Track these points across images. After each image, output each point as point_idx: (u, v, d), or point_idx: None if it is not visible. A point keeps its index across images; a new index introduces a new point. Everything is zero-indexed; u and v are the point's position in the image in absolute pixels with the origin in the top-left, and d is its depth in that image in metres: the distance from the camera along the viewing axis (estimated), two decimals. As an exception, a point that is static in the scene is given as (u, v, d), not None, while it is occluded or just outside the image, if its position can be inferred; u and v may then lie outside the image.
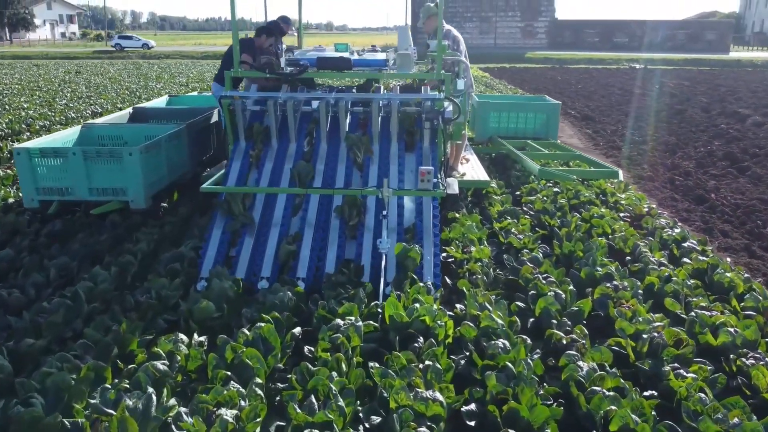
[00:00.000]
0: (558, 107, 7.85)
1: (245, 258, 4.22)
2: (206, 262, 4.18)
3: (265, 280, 4.06)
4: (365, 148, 4.83)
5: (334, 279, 4.01)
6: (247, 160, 4.88)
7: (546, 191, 6.35)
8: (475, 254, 4.48)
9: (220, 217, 4.50)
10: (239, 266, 4.19)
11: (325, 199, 4.60)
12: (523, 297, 3.94)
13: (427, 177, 4.21)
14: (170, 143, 5.34)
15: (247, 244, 4.33)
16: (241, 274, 4.13)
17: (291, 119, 4.89)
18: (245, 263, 4.20)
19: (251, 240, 4.35)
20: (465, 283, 4.07)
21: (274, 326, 3.38)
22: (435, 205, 4.50)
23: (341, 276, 4.06)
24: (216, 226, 4.44)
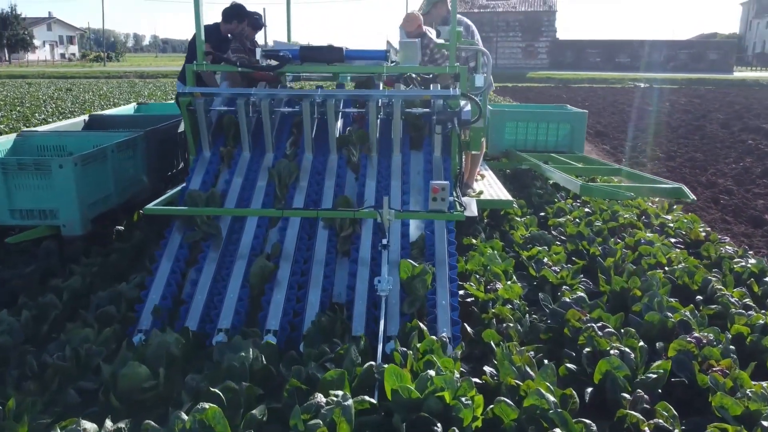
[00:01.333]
0: (584, 117, 6.87)
1: (200, 300, 3.20)
2: (147, 306, 3.16)
3: (222, 332, 3.03)
4: (363, 144, 3.85)
5: (317, 329, 2.99)
6: (211, 175, 3.90)
7: (577, 212, 5.36)
8: (503, 293, 3.47)
9: (172, 242, 3.50)
10: (192, 311, 3.16)
11: (307, 223, 3.60)
12: (574, 355, 2.92)
13: (441, 195, 3.22)
14: (121, 154, 4.35)
15: (204, 280, 3.31)
16: (194, 322, 3.11)
17: (267, 123, 3.92)
18: (199, 307, 3.18)
19: (209, 275, 3.33)
20: (492, 334, 3.04)
21: (229, 402, 2.37)
22: (450, 230, 3.50)
23: (326, 325, 3.03)
24: (165, 256, 3.43)
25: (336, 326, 3.03)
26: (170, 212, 3.58)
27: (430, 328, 3.01)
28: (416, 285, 3.14)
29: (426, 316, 3.11)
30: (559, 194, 6.18)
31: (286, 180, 3.77)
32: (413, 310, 3.13)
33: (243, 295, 3.23)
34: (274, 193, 3.80)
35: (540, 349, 3.03)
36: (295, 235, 3.50)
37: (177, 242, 3.52)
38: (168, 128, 5.10)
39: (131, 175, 4.57)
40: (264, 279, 3.32)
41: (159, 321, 3.11)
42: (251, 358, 2.72)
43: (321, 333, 2.98)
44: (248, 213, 3.58)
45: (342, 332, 3.02)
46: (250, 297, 3.27)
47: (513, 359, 2.74)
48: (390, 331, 2.97)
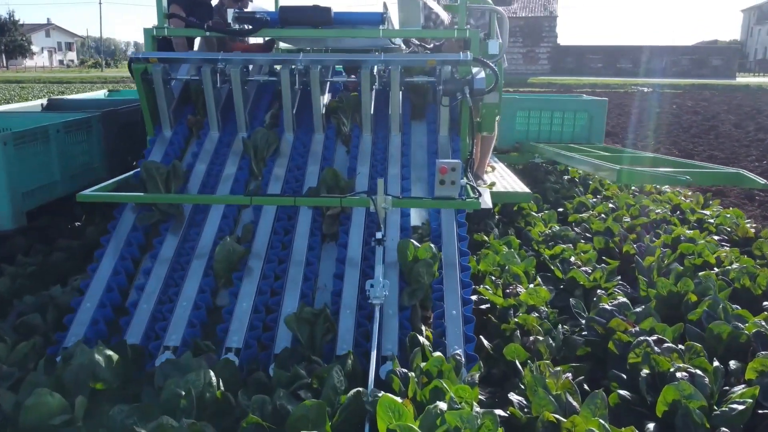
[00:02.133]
0: (604, 105, 6.21)
1: (145, 310, 2.54)
2: (79, 316, 2.49)
3: (170, 351, 2.37)
4: (355, 112, 3.22)
5: (291, 350, 2.32)
6: (172, 156, 3.24)
7: (600, 207, 4.71)
8: (527, 298, 2.81)
9: (119, 232, 2.86)
10: (134, 322, 2.50)
11: (284, 214, 2.94)
12: (624, 378, 2.26)
13: (450, 177, 2.57)
14: (70, 137, 3.71)
15: (153, 284, 2.65)
16: (136, 336, 2.44)
17: (238, 95, 3.27)
18: (144, 317, 2.51)
19: (160, 277, 2.67)
20: (518, 350, 2.39)
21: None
22: (462, 222, 2.85)
23: (306, 339, 2.37)
24: (109, 252, 2.78)
25: (317, 341, 2.37)
26: (111, 199, 2.93)
27: (438, 344, 2.35)
28: (419, 270, 2.51)
29: (431, 311, 2.47)
30: (577, 189, 5.53)
31: (264, 153, 3.13)
32: (414, 301, 2.50)
33: (201, 302, 2.57)
34: (249, 167, 3.17)
35: (579, 369, 2.37)
36: (269, 233, 2.84)
37: (125, 232, 2.87)
38: (132, 111, 4.46)
39: (84, 161, 3.92)
40: (231, 265, 2.69)
41: (93, 336, 2.45)
42: (202, 384, 2.06)
43: (297, 354, 2.32)
44: (210, 201, 2.93)
45: (323, 351, 2.36)
46: (210, 307, 2.61)
47: (548, 384, 2.08)
48: (386, 350, 2.31)
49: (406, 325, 2.43)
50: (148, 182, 2.99)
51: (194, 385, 2.05)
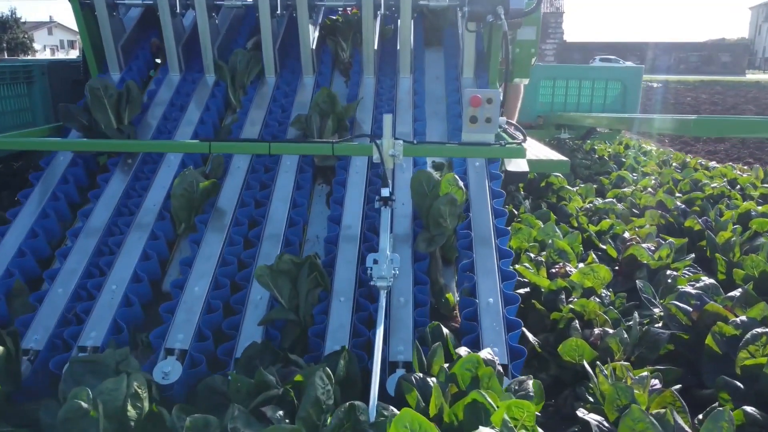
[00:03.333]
0: (640, 73, 5.48)
1: (59, 294, 1.85)
2: None
3: (86, 353, 1.67)
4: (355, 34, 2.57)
5: (262, 345, 1.63)
6: (89, 157, 2.57)
7: (645, 180, 4.02)
8: (581, 279, 2.12)
9: (40, 191, 2.20)
10: (43, 311, 1.81)
11: (260, 166, 2.26)
12: (742, 388, 1.57)
13: (485, 111, 1.87)
14: (1, 87, 3.05)
15: (78, 254, 1.97)
16: (43, 331, 1.75)
17: (204, 26, 2.59)
18: (59, 304, 1.82)
19: (90, 243, 1.99)
20: (581, 346, 1.70)
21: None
22: (495, 174, 2.15)
23: (287, 333, 1.69)
24: (24, 212, 2.12)
25: (302, 300, 1.70)
26: (34, 146, 2.28)
27: (466, 331, 1.67)
28: (440, 209, 1.89)
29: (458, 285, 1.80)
30: (611, 166, 4.84)
31: (243, 78, 2.48)
32: (433, 248, 1.89)
33: (143, 271, 1.89)
34: (223, 95, 2.52)
35: (669, 374, 1.68)
36: (238, 189, 2.16)
37: (51, 184, 2.21)
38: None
39: (24, 120, 3.24)
40: (193, 204, 2.06)
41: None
42: (123, 395, 1.38)
43: (269, 351, 1.63)
44: (164, 148, 2.25)
45: (304, 349, 1.69)
46: (157, 279, 1.94)
47: (637, 398, 1.39)
48: (395, 352, 1.62)
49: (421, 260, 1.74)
50: (93, 107, 2.36)
51: (110, 396, 1.38)
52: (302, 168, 2.25)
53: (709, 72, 44.46)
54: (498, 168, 2.17)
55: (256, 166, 2.25)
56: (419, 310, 1.76)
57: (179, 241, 2.14)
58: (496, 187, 2.08)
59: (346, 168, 2.21)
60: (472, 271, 1.82)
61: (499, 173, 2.13)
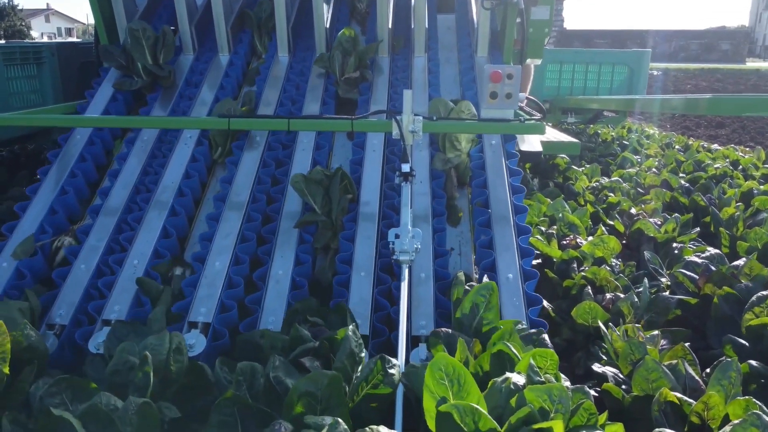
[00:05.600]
0: (647, 57, 5.52)
1: (82, 270, 1.92)
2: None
3: (102, 333, 1.71)
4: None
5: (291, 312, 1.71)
6: (127, 94, 2.64)
7: (650, 161, 4.10)
8: (591, 249, 2.21)
9: (59, 169, 2.27)
10: (67, 287, 1.87)
11: (291, 85, 2.43)
12: (747, 345, 1.66)
13: (506, 87, 1.94)
14: (12, 68, 3.10)
15: (102, 226, 2.04)
16: (67, 305, 1.82)
17: (217, 4, 2.66)
18: (82, 280, 1.88)
19: (113, 215, 2.07)
20: (593, 309, 1.79)
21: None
22: (511, 152, 2.23)
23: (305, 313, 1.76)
24: (44, 189, 2.19)
25: (334, 206, 1.95)
26: (46, 123, 2.37)
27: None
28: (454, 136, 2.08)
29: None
30: (614, 148, 4.92)
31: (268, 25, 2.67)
32: (449, 167, 2.04)
33: (164, 248, 1.97)
34: (237, 76, 2.64)
35: (677, 335, 1.77)
36: (254, 171, 2.23)
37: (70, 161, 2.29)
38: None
39: (34, 101, 3.30)
40: (228, 132, 2.28)
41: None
42: (167, 350, 1.46)
43: (295, 315, 1.72)
44: (183, 125, 2.30)
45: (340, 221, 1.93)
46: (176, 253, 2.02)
47: (649, 353, 1.48)
48: (417, 327, 1.69)
49: (441, 294, 1.81)
50: (132, 47, 2.55)
51: (155, 351, 1.46)
52: (324, 101, 2.40)
53: (710, 60, 44.28)
54: (514, 147, 2.24)
55: (284, 101, 2.40)
56: (440, 284, 1.83)
57: (215, 168, 2.32)
58: (513, 165, 2.15)
59: (363, 146, 2.28)
60: (490, 248, 1.89)
61: (515, 152, 2.21)
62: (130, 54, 2.60)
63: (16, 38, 72.30)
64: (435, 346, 1.48)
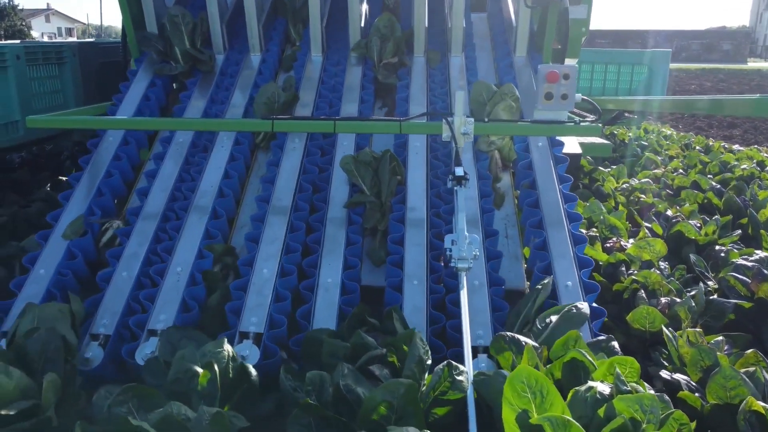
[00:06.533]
0: (667, 57, 5.48)
1: (124, 278, 1.88)
2: (28, 288, 1.83)
3: (155, 337, 1.68)
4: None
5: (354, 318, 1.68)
6: (162, 85, 2.61)
7: (675, 162, 4.07)
8: (638, 252, 2.18)
9: (91, 174, 2.24)
10: (113, 288, 1.84)
11: (331, 64, 2.48)
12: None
13: (561, 88, 1.90)
14: (35, 69, 3.07)
15: (143, 230, 2.01)
16: (111, 316, 1.77)
17: (249, 3, 2.62)
18: (124, 288, 1.84)
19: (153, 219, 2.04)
20: (651, 313, 1.76)
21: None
22: (560, 157, 2.19)
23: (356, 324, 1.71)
24: (76, 196, 2.14)
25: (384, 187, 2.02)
26: (69, 125, 2.34)
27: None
28: (499, 113, 2.11)
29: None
30: (635, 149, 4.89)
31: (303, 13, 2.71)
32: (493, 150, 2.11)
33: (203, 260, 1.93)
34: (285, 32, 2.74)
35: (737, 340, 1.74)
36: (295, 173, 2.19)
37: (103, 165, 2.25)
38: (118, 49, 3.80)
39: (55, 101, 3.26)
40: (272, 113, 2.29)
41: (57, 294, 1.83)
42: (226, 358, 1.43)
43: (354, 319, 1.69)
44: (221, 127, 2.28)
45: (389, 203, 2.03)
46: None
47: (720, 360, 1.45)
48: (474, 337, 1.64)
49: (497, 301, 1.77)
50: (171, 32, 2.58)
51: (215, 358, 1.43)
52: (364, 86, 2.42)
53: (711, 60, 44.17)
54: (562, 147, 2.21)
55: (325, 78, 2.43)
56: (494, 288, 1.79)
57: (257, 153, 2.37)
58: (561, 171, 2.11)
59: (405, 146, 2.23)
60: (545, 250, 1.85)
61: (564, 156, 2.17)
62: (168, 39, 2.61)
63: (16, 38, 72.25)
64: (502, 352, 1.45)
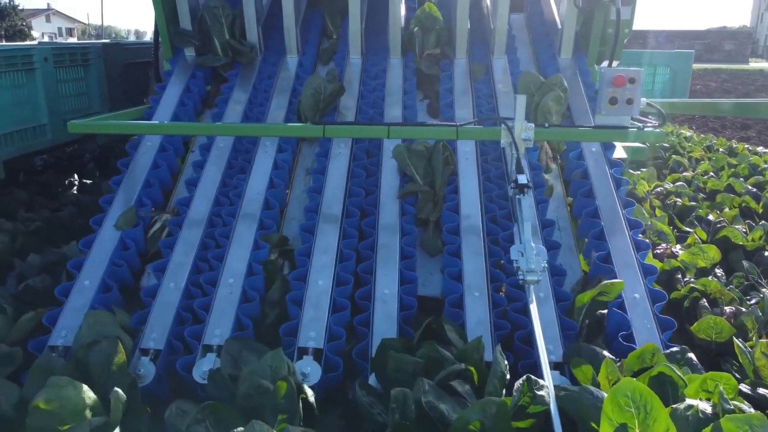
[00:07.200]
0: (690, 59, 5.41)
1: (171, 291, 1.82)
2: (73, 300, 1.77)
3: (214, 353, 1.62)
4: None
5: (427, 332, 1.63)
6: (197, 90, 2.56)
7: (704, 164, 4.03)
8: (691, 258, 2.14)
9: (130, 180, 2.19)
10: (161, 301, 1.78)
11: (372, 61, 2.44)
12: None
13: (627, 92, 1.85)
14: (61, 71, 3.02)
15: (188, 239, 1.96)
16: (161, 328, 1.71)
17: (288, 5, 2.57)
18: (172, 302, 1.78)
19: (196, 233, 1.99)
20: (719, 323, 1.71)
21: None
22: (614, 161, 2.14)
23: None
24: (117, 203, 2.09)
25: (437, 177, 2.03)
26: (111, 130, 2.30)
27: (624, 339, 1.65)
28: (548, 105, 2.12)
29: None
30: (661, 152, 4.85)
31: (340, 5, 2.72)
32: (541, 141, 2.18)
33: (258, 263, 1.88)
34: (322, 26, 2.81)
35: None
36: (342, 183, 2.13)
37: (143, 172, 2.20)
38: (141, 49, 3.75)
39: (80, 104, 3.21)
40: (318, 107, 2.29)
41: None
42: (285, 370, 1.38)
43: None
44: (262, 132, 2.23)
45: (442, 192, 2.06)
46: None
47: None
48: (546, 352, 1.57)
49: (564, 317, 1.71)
50: (211, 23, 2.55)
51: (276, 373, 1.38)
52: (406, 77, 2.44)
53: (713, 60, 44.15)
54: (613, 150, 2.16)
55: (368, 67, 2.46)
56: (561, 305, 1.73)
57: (301, 144, 2.36)
58: (617, 174, 2.07)
59: (454, 151, 2.17)
60: (609, 263, 1.80)
61: (620, 160, 2.13)
62: (207, 32, 2.58)
63: (17, 38, 72.30)
64: (579, 366, 1.40)
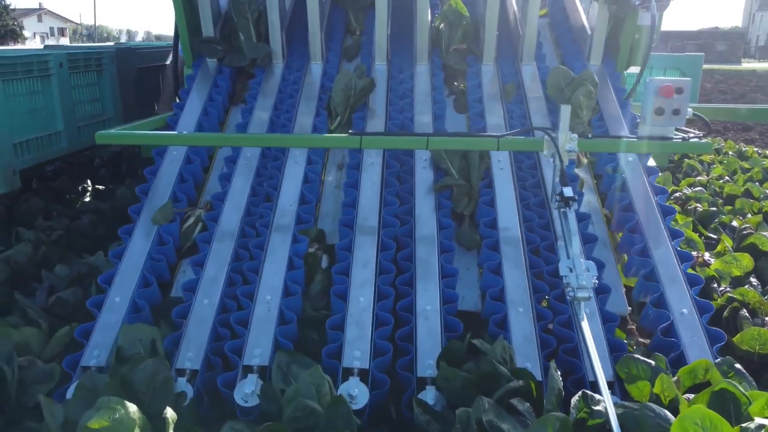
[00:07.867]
0: (700, 62, 5.39)
1: (206, 306, 1.77)
2: (104, 317, 1.72)
3: (256, 374, 1.57)
4: None
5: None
6: (220, 100, 2.51)
7: (716, 169, 4.03)
8: (725, 267, 2.12)
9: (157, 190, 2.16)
10: (194, 318, 1.73)
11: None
12: None
13: (675, 102, 1.83)
14: (75, 76, 2.97)
15: (217, 259, 1.92)
16: (196, 350, 1.64)
17: (313, 9, 2.54)
18: (207, 320, 1.73)
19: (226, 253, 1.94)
20: (762, 333, 1.70)
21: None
22: (651, 168, 2.13)
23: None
24: (140, 225, 2.02)
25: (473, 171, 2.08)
26: (140, 141, 2.26)
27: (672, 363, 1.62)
28: (579, 100, 2.19)
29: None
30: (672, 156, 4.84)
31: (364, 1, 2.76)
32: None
33: (294, 282, 1.84)
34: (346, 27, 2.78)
35: None
36: (376, 193, 2.10)
37: (169, 182, 2.17)
38: (155, 52, 3.70)
39: (94, 110, 3.17)
40: (348, 103, 2.32)
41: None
42: (327, 388, 1.36)
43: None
44: (293, 143, 2.18)
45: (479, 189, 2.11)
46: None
47: None
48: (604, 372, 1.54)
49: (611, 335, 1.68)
50: (237, 19, 2.55)
51: (320, 392, 1.36)
52: (433, 72, 2.47)
53: (706, 60, 44.22)
54: (649, 156, 2.15)
55: (394, 73, 2.49)
56: (609, 326, 1.69)
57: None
58: (653, 181, 2.06)
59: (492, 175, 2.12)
60: (654, 279, 1.78)
61: (656, 168, 2.12)
62: (234, 29, 2.58)
63: (8, 38, 71.73)
64: (634, 381, 1.38)
